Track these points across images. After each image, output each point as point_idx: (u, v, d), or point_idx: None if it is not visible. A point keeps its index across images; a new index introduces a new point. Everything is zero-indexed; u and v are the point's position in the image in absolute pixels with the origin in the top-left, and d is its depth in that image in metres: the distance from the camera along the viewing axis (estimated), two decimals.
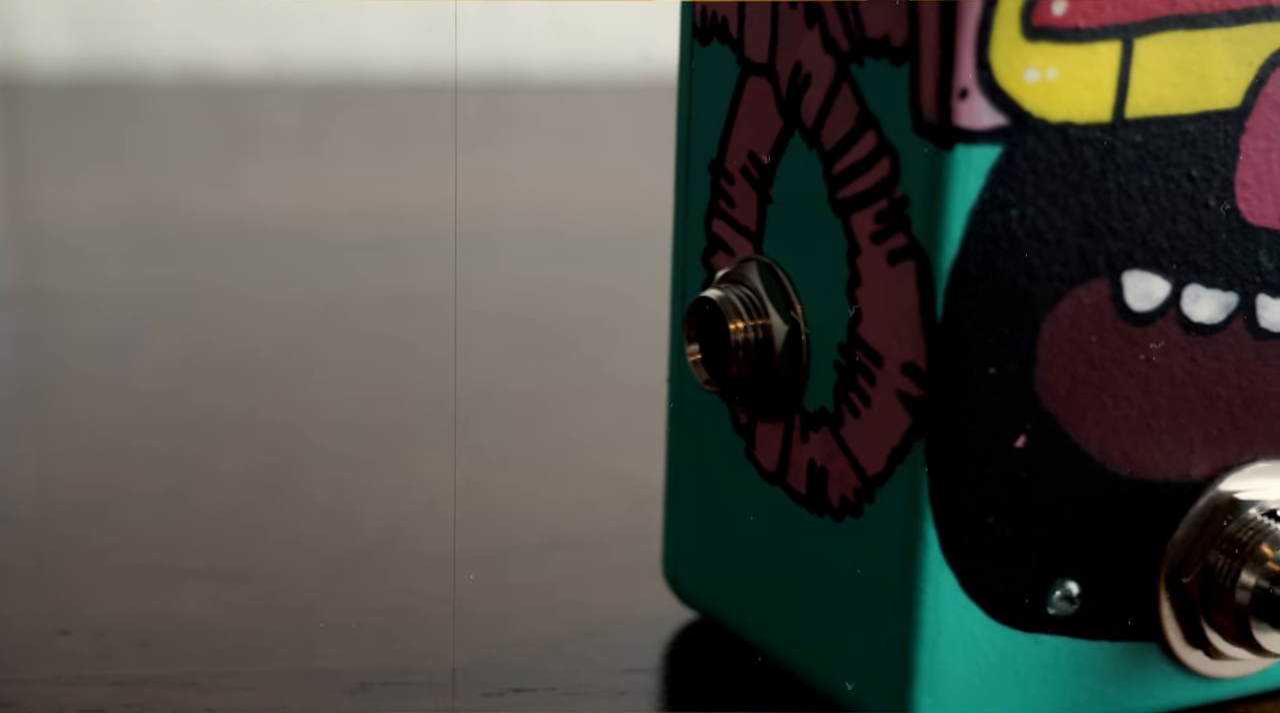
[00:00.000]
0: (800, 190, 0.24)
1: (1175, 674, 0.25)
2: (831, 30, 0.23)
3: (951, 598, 0.24)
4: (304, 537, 0.32)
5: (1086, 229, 0.23)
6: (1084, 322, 0.23)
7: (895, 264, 0.23)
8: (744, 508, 0.26)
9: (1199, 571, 0.25)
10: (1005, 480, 0.23)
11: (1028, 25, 0.22)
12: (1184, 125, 0.23)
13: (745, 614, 0.27)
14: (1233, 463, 0.25)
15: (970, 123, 0.22)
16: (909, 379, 0.23)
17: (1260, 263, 0.24)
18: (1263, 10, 0.23)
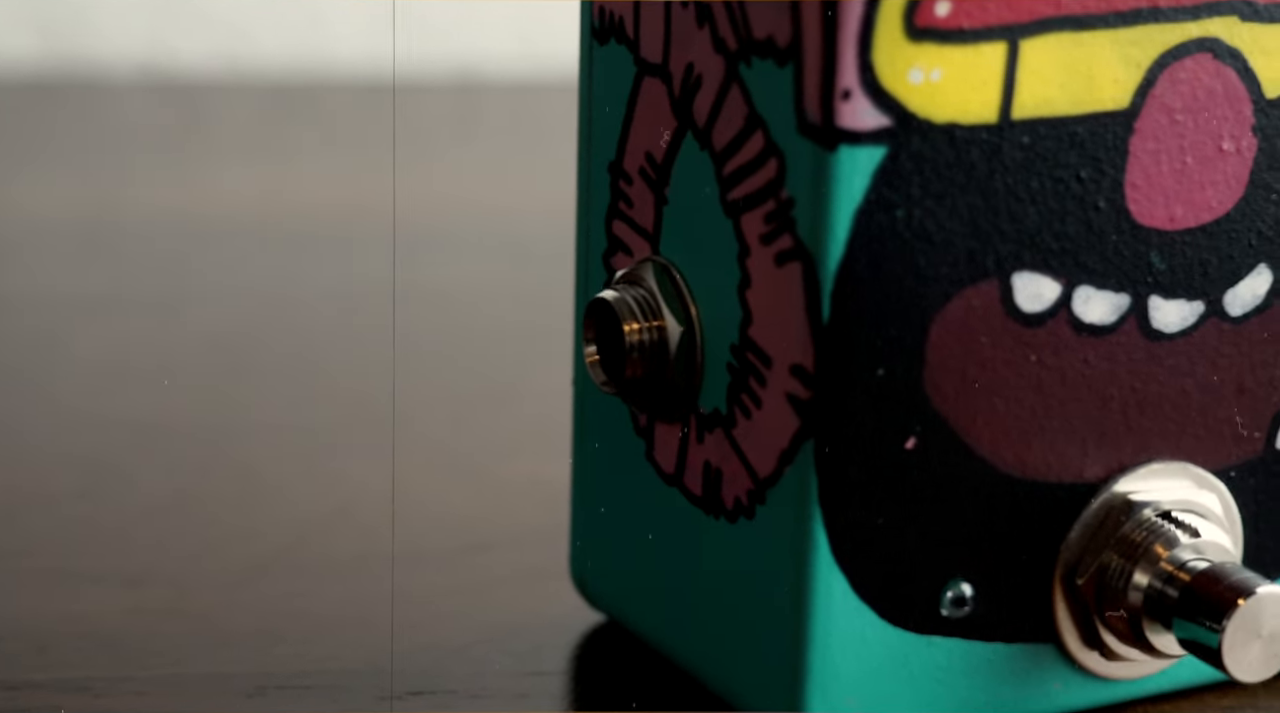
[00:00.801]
0: (694, 191, 0.24)
1: (1072, 676, 0.25)
2: (721, 30, 0.23)
3: (842, 600, 0.23)
4: (213, 540, 0.32)
5: (974, 230, 0.23)
6: (974, 323, 0.23)
7: (782, 265, 0.23)
8: (645, 510, 0.26)
9: (1093, 572, 0.25)
10: (895, 482, 0.23)
11: (910, 26, 0.22)
12: (1072, 126, 0.23)
13: (647, 616, 0.27)
14: (1127, 464, 0.25)
15: (853, 124, 0.22)
16: (796, 381, 0.23)
17: (1152, 264, 0.24)
18: (1150, 11, 0.23)
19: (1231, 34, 0.23)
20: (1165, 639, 0.24)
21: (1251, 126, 0.24)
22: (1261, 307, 0.25)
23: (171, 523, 0.33)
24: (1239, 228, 0.24)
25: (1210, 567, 0.24)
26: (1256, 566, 0.26)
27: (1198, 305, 0.24)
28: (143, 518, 0.33)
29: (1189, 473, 0.25)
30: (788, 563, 0.23)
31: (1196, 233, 0.24)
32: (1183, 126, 0.23)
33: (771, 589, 0.24)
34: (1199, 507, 0.25)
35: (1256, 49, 0.24)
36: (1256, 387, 0.25)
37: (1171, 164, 0.24)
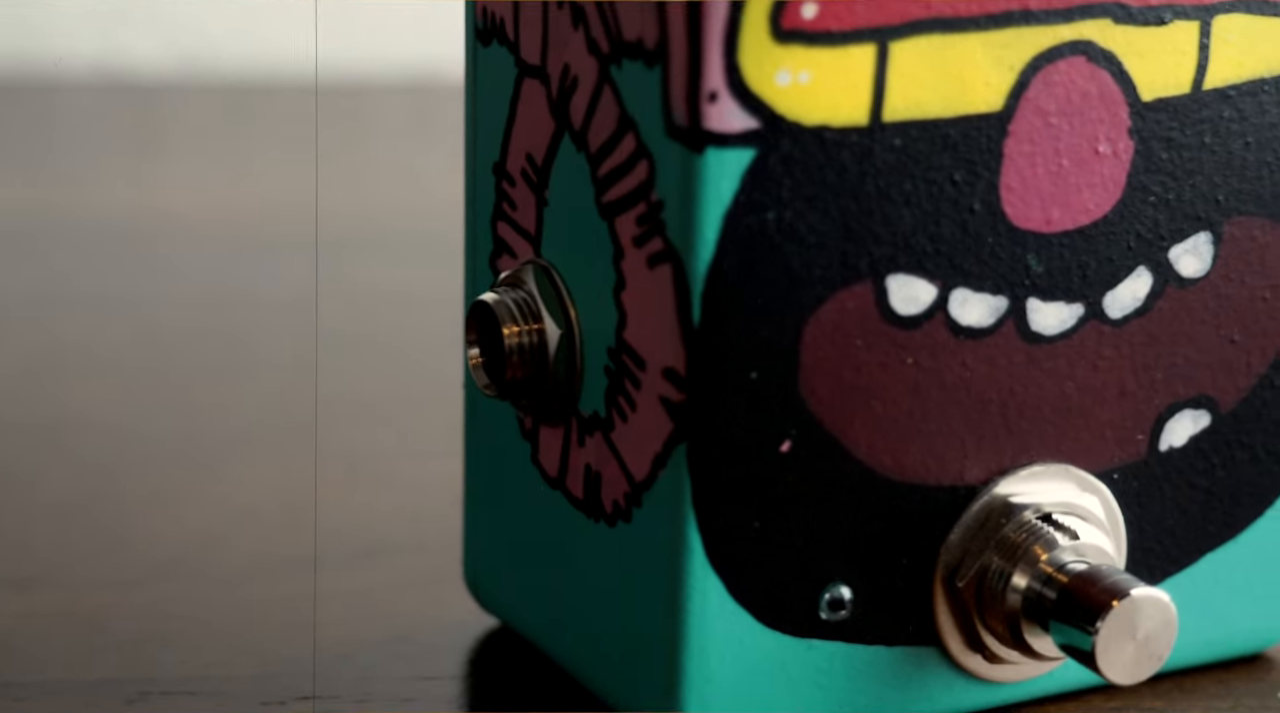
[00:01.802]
0: (572, 193, 0.24)
1: (955, 679, 0.25)
2: (594, 32, 0.23)
3: (718, 603, 0.23)
4: (112, 542, 0.31)
5: (847, 232, 0.23)
6: (848, 325, 0.23)
7: (654, 268, 0.23)
8: (531, 513, 0.26)
9: (974, 574, 0.25)
10: (771, 485, 0.23)
11: (777, 28, 0.22)
12: (944, 129, 0.23)
13: (534, 620, 0.27)
14: (1007, 466, 0.25)
15: (720, 126, 0.22)
16: (669, 384, 0.23)
17: (1029, 266, 0.24)
18: (1021, 14, 0.23)
19: (1105, 37, 0.23)
20: (1044, 642, 0.24)
21: (1128, 129, 0.24)
22: (1142, 309, 0.25)
23: (72, 525, 0.32)
24: (1117, 230, 0.24)
25: (1087, 569, 0.24)
26: (1141, 568, 0.26)
27: (1077, 308, 0.24)
28: (46, 518, 0.32)
29: (1071, 475, 0.25)
30: (663, 567, 0.23)
31: (1074, 235, 0.24)
32: (1057, 129, 0.23)
33: (648, 593, 0.24)
34: (1080, 509, 0.25)
35: (1131, 52, 0.23)
36: (1138, 389, 0.25)
37: (1047, 167, 0.24)
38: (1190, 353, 0.25)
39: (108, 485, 0.34)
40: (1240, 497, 0.26)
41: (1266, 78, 0.24)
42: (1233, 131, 0.24)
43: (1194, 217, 0.25)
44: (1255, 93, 0.24)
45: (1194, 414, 0.26)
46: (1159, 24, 0.24)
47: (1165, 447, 0.26)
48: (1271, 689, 0.27)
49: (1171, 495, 0.26)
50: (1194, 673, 0.27)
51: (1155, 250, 0.25)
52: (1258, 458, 0.26)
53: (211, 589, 0.30)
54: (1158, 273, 0.25)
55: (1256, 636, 0.27)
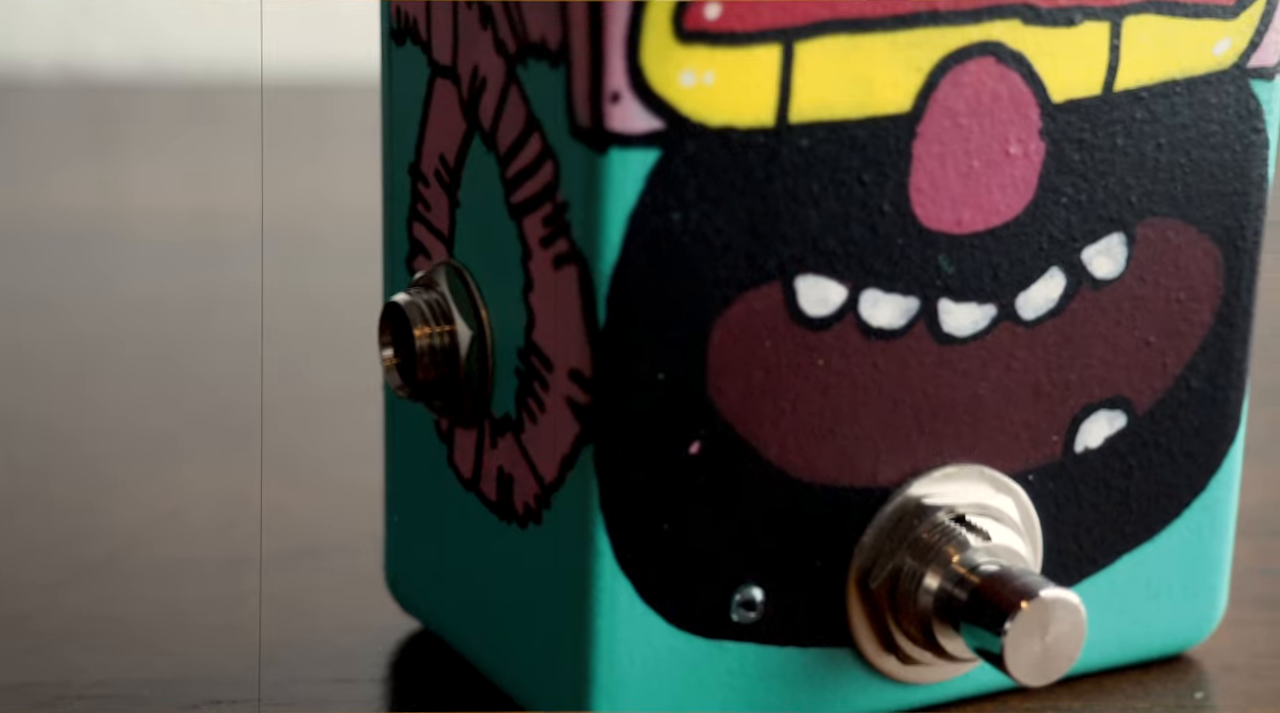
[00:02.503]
0: (482, 194, 0.24)
1: (870, 680, 0.25)
2: (501, 32, 0.23)
3: (628, 606, 0.23)
4: (41, 543, 0.31)
5: (754, 233, 0.23)
6: (757, 327, 0.23)
7: (560, 269, 0.23)
8: (447, 514, 0.26)
9: (887, 575, 0.25)
10: (680, 487, 0.23)
11: (679, 29, 0.21)
12: (852, 130, 0.23)
13: (451, 622, 0.27)
14: (921, 468, 0.25)
15: (623, 127, 0.22)
16: (576, 386, 0.23)
17: (940, 268, 0.24)
18: (928, 15, 0.23)
19: (1014, 38, 0.23)
20: (956, 643, 0.24)
21: (1038, 130, 0.24)
22: (1055, 310, 0.25)
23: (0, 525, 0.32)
24: (1029, 232, 0.24)
25: (998, 570, 0.24)
26: (1058, 569, 0.26)
27: (989, 309, 0.24)
28: None
29: (985, 476, 0.25)
30: (572, 569, 0.23)
31: (985, 236, 0.24)
32: (967, 130, 0.23)
33: (558, 595, 0.24)
34: (994, 510, 0.25)
35: (1041, 53, 0.23)
36: (1053, 390, 0.25)
37: (957, 168, 0.24)
38: (1105, 354, 0.25)
39: (34, 487, 0.34)
40: (1157, 498, 0.26)
41: (1178, 79, 0.24)
42: (1145, 133, 0.24)
43: (1107, 218, 0.25)
44: (1167, 94, 0.24)
45: (1109, 415, 0.26)
46: (1069, 25, 0.24)
47: (1081, 448, 0.26)
48: (1189, 690, 0.27)
49: (1088, 497, 0.26)
50: (1113, 674, 0.27)
51: (1068, 251, 0.25)
52: (1174, 459, 0.26)
53: (136, 591, 0.30)
54: (1071, 274, 0.25)
55: (1176, 637, 0.27)
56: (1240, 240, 0.26)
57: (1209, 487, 0.27)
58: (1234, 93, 0.25)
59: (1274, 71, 0.25)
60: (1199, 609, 0.27)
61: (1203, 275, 0.25)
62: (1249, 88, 0.25)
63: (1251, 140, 0.25)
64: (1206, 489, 0.27)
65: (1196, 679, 0.27)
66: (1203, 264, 0.25)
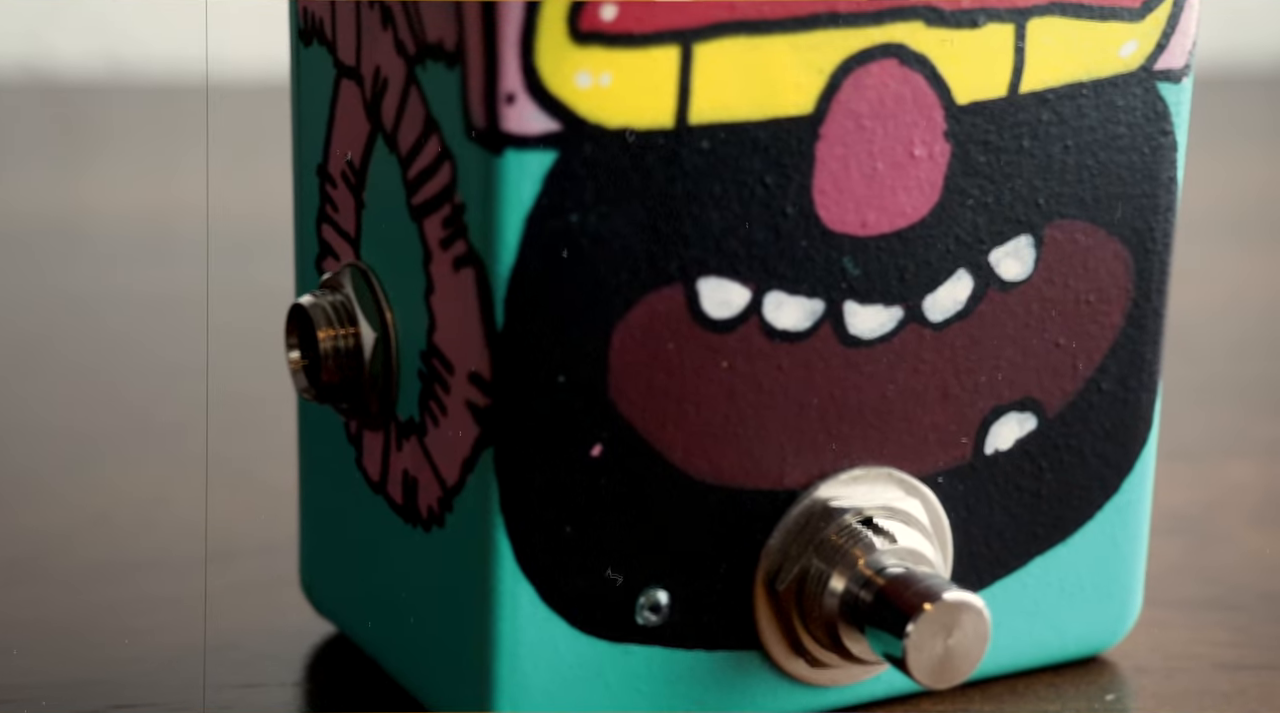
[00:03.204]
0: (386, 195, 0.24)
1: (779, 683, 0.25)
2: (400, 33, 0.23)
3: (530, 609, 0.23)
4: None
5: (655, 235, 0.23)
6: (659, 329, 0.23)
7: (458, 271, 0.22)
8: (356, 517, 0.26)
9: (794, 578, 0.24)
10: (582, 490, 0.23)
11: (575, 30, 0.21)
12: (753, 132, 0.23)
13: (361, 625, 0.26)
14: (828, 470, 0.25)
15: (519, 128, 0.21)
16: (475, 388, 0.23)
17: (845, 270, 0.24)
18: (829, 16, 0.23)
19: (917, 39, 0.23)
20: (862, 645, 0.24)
21: (943, 132, 0.24)
22: (963, 312, 0.25)
23: None
24: (935, 234, 0.24)
25: (902, 573, 0.24)
26: (969, 571, 0.26)
27: (896, 311, 0.24)
28: None
29: (894, 479, 0.25)
30: (474, 572, 0.23)
31: (891, 239, 0.24)
32: (871, 132, 0.23)
33: (461, 599, 0.23)
34: (901, 513, 0.25)
35: (944, 55, 0.23)
36: (962, 392, 0.25)
37: (861, 170, 0.23)
38: (1014, 356, 0.25)
39: None
40: (1069, 500, 0.26)
41: (1084, 81, 0.24)
42: (1052, 135, 0.24)
43: (1014, 220, 0.25)
44: (1074, 96, 0.24)
45: (1020, 417, 0.26)
46: (972, 27, 0.23)
47: (991, 450, 0.25)
48: (1101, 692, 0.27)
49: (999, 499, 0.26)
50: (1027, 676, 0.27)
51: (975, 253, 0.25)
52: (1086, 461, 0.26)
53: (49, 594, 0.30)
54: (978, 276, 0.25)
55: (1091, 639, 0.27)
56: (1150, 242, 0.26)
57: (1122, 489, 0.27)
58: (1141, 95, 0.25)
59: (1181, 74, 0.25)
60: (1113, 611, 0.27)
61: (1112, 277, 0.25)
62: (1156, 90, 0.25)
63: (1160, 143, 0.25)
64: (1119, 491, 0.27)
65: (1109, 681, 0.27)
66: (1112, 266, 0.25)
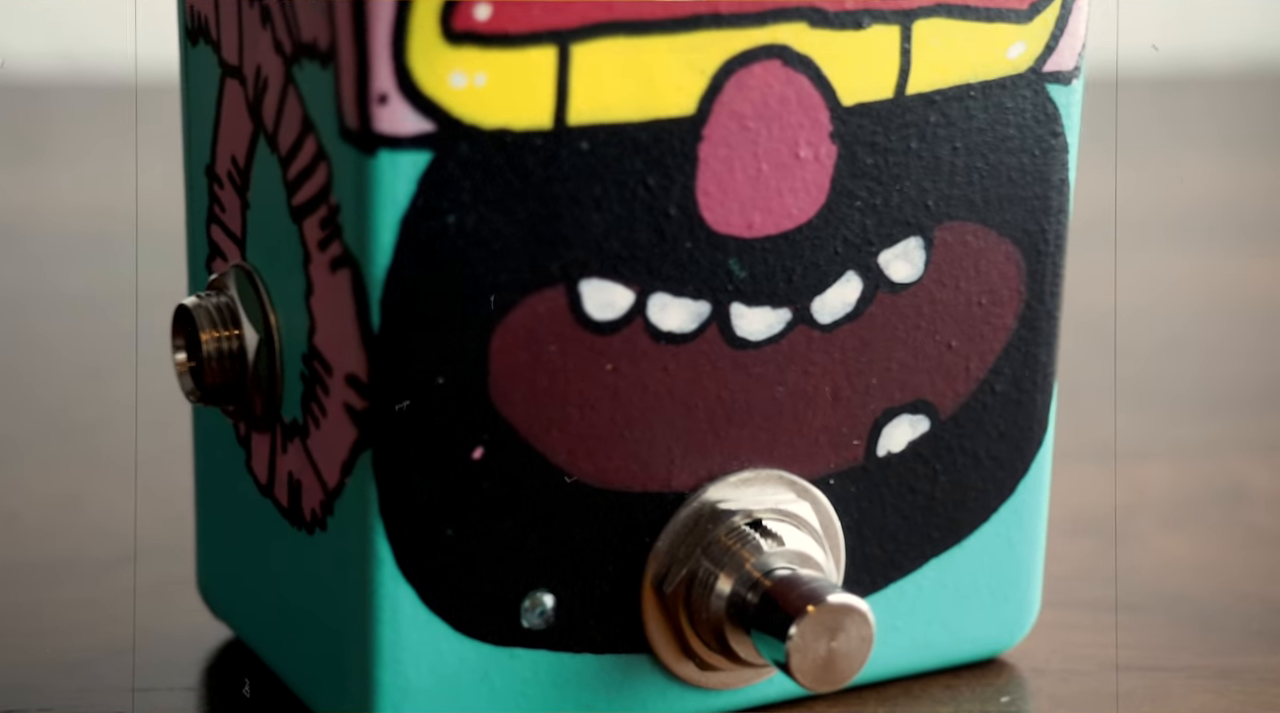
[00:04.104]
0: (268, 196, 0.24)
1: (669, 686, 0.25)
2: (278, 32, 0.23)
3: (412, 613, 0.23)
4: None
5: (535, 236, 0.22)
6: (540, 331, 0.23)
7: (335, 272, 0.22)
8: (246, 520, 0.26)
9: (681, 581, 0.24)
10: (464, 493, 0.23)
11: (448, 30, 0.21)
12: (635, 133, 0.23)
13: (252, 628, 0.26)
14: (717, 472, 0.24)
15: (392, 128, 0.21)
16: (353, 391, 0.22)
17: (731, 272, 0.24)
18: (710, 17, 0.23)
19: (801, 40, 0.23)
20: (749, 648, 0.24)
21: (829, 133, 0.24)
22: (852, 314, 0.25)
23: None
24: (823, 235, 0.24)
25: (787, 575, 0.24)
26: (862, 573, 0.26)
27: (784, 313, 0.24)
28: None
29: (784, 481, 0.25)
30: (355, 576, 0.23)
31: (778, 240, 0.24)
32: (755, 133, 0.23)
33: (344, 602, 0.23)
34: (791, 515, 0.25)
35: (829, 56, 0.23)
36: (853, 395, 0.25)
37: (745, 171, 0.23)
38: (906, 358, 0.25)
39: None
40: (964, 502, 0.26)
41: (972, 83, 0.24)
42: (940, 137, 0.24)
43: (903, 222, 0.25)
44: (962, 98, 0.24)
45: (912, 420, 0.25)
46: (857, 28, 0.23)
47: (884, 452, 0.25)
48: (997, 694, 0.27)
49: (892, 501, 0.26)
50: (923, 678, 0.27)
51: (864, 255, 0.25)
52: (980, 463, 0.26)
53: None
54: (868, 278, 0.25)
55: (987, 641, 0.27)
56: (1042, 244, 0.26)
57: (1017, 491, 0.26)
58: (1031, 97, 0.25)
59: (1071, 76, 0.25)
60: (1010, 613, 0.27)
61: (1004, 279, 0.25)
62: (1046, 92, 0.25)
63: (1051, 144, 0.25)
64: (1014, 493, 0.26)
65: (1006, 683, 0.27)
66: (1004, 268, 0.25)
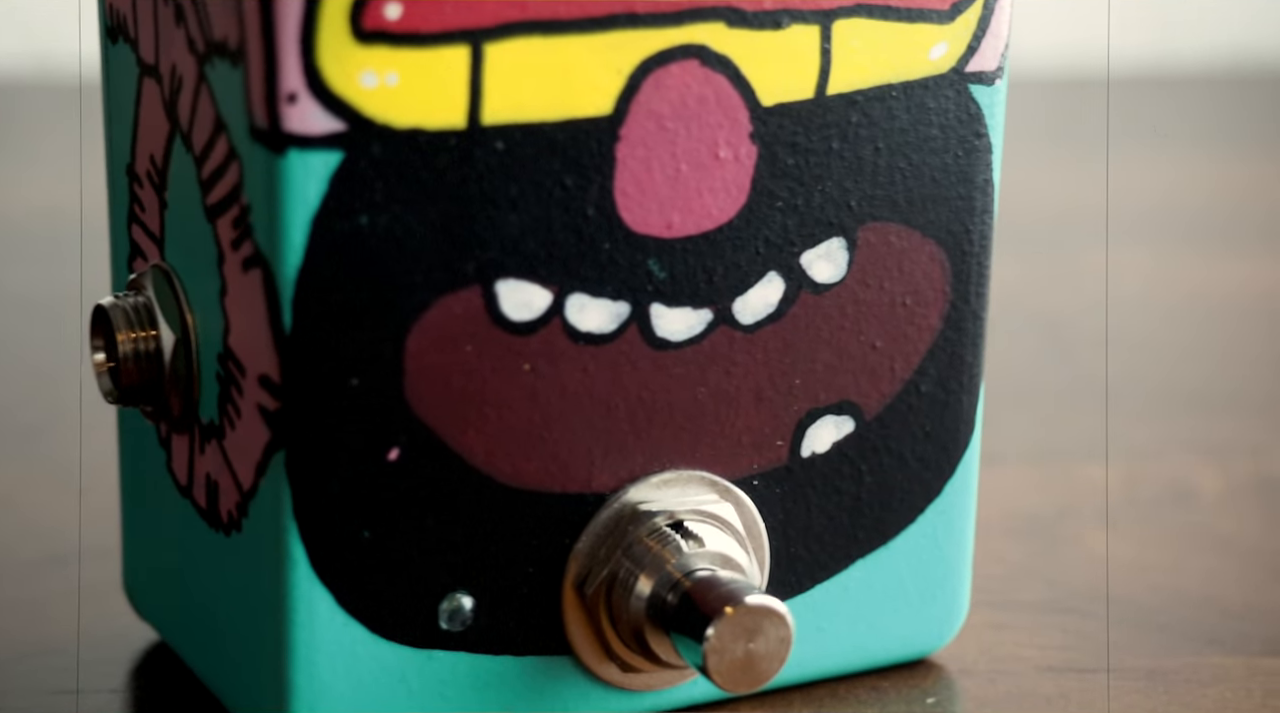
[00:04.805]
0: (185, 196, 0.24)
1: (592, 689, 0.25)
2: (191, 30, 0.23)
3: (328, 615, 0.23)
4: None
5: (450, 237, 0.22)
6: (456, 331, 0.23)
7: (247, 272, 0.22)
8: (168, 521, 0.26)
9: (602, 582, 0.24)
10: (379, 494, 0.23)
11: (358, 29, 0.21)
12: (551, 133, 0.22)
13: (176, 630, 0.26)
14: (639, 473, 0.24)
15: (302, 128, 0.21)
16: (265, 392, 0.22)
17: (651, 272, 0.24)
18: (626, 17, 0.22)
19: (719, 40, 0.23)
20: (666, 647, 0.24)
21: (749, 134, 0.24)
22: (775, 315, 0.25)
23: None
24: (744, 236, 0.24)
25: (706, 576, 0.24)
26: (788, 574, 0.26)
27: (705, 314, 0.24)
28: None
29: (707, 482, 0.25)
30: (270, 578, 0.23)
31: (698, 241, 0.24)
32: (673, 133, 0.23)
33: (259, 604, 0.23)
34: (713, 516, 0.25)
35: (747, 56, 0.23)
36: (776, 395, 0.25)
37: (664, 171, 0.23)
38: (830, 359, 0.25)
39: None
40: (890, 503, 0.26)
41: (894, 83, 0.24)
42: (862, 137, 0.24)
43: (825, 222, 0.25)
44: (883, 98, 0.24)
45: (837, 420, 0.25)
46: (776, 28, 0.23)
47: (808, 453, 0.25)
48: (923, 695, 0.27)
49: (818, 502, 0.26)
50: (850, 680, 0.27)
51: (786, 256, 0.24)
52: (906, 464, 0.26)
53: None
54: (790, 278, 0.25)
55: (915, 642, 0.27)
56: (967, 244, 0.26)
57: (944, 492, 0.26)
58: (953, 97, 0.25)
59: (994, 76, 0.25)
60: (939, 614, 0.27)
61: (929, 280, 0.25)
62: (968, 92, 0.25)
63: (974, 145, 0.25)
64: (941, 494, 0.26)
65: (933, 684, 0.27)
66: (928, 269, 0.25)
